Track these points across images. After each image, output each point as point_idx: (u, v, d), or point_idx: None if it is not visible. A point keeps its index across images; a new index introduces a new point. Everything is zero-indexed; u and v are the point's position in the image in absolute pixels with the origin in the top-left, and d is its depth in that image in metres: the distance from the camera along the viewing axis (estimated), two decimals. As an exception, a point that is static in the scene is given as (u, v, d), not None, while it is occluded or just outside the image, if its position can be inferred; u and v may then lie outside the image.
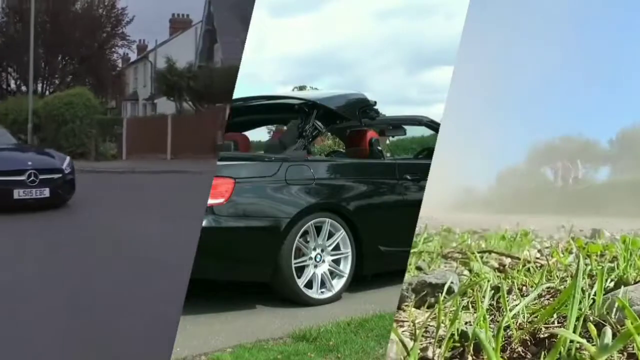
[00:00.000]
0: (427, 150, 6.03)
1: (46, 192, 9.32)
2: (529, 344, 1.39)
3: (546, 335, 1.40)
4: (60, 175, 9.66)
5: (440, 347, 1.44)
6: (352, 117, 5.52)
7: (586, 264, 2.81)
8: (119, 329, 4.16)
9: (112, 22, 28.60)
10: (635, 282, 2.24)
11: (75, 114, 20.76)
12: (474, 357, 1.37)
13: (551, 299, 1.97)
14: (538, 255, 3.35)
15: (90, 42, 27.66)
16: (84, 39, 27.15)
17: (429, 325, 1.70)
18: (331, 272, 4.72)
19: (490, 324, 1.43)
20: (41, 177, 9.32)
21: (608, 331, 1.35)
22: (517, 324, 1.47)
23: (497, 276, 2.62)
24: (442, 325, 1.56)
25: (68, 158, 10.31)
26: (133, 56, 33.50)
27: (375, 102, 5.62)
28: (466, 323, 1.49)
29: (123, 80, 31.36)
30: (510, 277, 2.60)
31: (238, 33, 19.48)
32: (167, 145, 20.88)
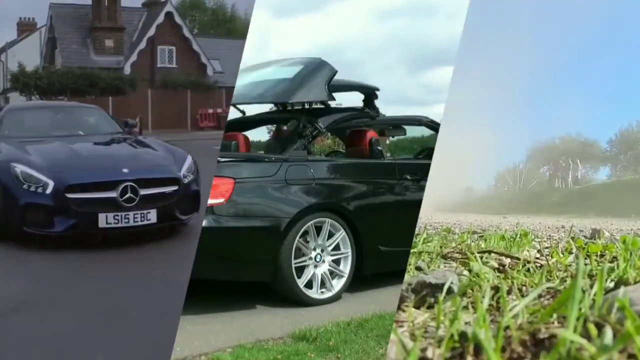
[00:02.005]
0: (427, 150, 6.03)
1: (151, 216, 5.81)
2: (529, 344, 1.39)
3: (546, 335, 1.40)
4: (176, 187, 6.02)
5: (440, 347, 1.44)
6: (321, 96, 5.23)
7: (586, 264, 2.80)
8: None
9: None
10: (635, 282, 2.24)
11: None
12: (473, 358, 1.37)
13: (551, 299, 1.97)
14: (538, 255, 3.35)
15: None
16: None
17: (428, 325, 1.70)
18: (331, 272, 4.73)
19: (490, 324, 1.43)
20: (143, 192, 5.80)
21: (608, 331, 1.34)
22: (517, 324, 1.47)
23: (497, 276, 2.62)
24: (442, 325, 1.56)
25: (189, 158, 6.45)
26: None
27: (377, 97, 5.58)
28: (466, 323, 1.49)
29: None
30: (510, 277, 2.59)
31: (74, 41, 26.04)
32: (20, 129, 25.86)
